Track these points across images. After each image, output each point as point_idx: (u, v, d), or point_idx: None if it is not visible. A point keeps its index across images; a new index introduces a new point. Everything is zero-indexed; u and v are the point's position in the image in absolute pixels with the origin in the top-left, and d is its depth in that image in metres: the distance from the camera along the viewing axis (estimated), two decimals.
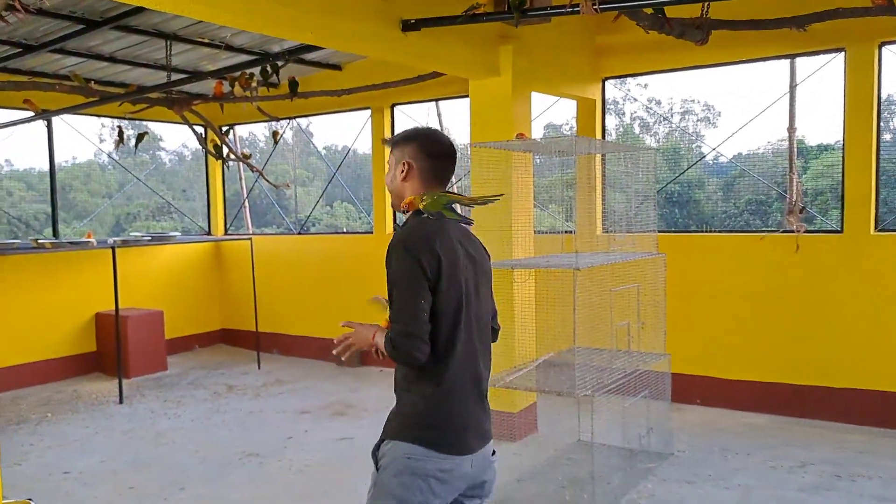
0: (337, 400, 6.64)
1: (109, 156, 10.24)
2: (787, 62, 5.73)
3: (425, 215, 2.15)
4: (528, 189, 5.33)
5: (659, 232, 5.11)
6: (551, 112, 7.33)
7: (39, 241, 6.44)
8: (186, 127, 7.02)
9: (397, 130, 7.82)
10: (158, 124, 9.05)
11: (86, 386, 7.31)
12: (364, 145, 8.31)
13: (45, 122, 7.41)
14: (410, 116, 7.74)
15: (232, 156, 7.44)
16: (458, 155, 2.32)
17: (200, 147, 7.19)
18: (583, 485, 4.41)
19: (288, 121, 8.53)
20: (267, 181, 6.92)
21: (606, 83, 6.65)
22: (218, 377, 7.63)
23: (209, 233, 9.27)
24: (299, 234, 8.69)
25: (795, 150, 5.81)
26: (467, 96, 6.41)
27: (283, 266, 8.59)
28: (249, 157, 6.90)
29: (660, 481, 4.49)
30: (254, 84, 6.17)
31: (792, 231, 5.56)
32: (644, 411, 4.80)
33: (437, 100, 7.58)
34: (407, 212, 2.20)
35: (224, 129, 7.70)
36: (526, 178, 5.28)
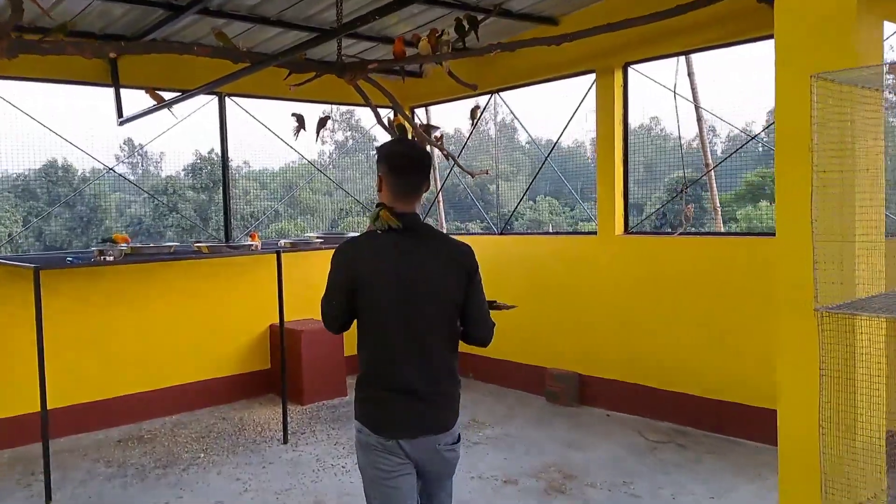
0: (552, 463, 4.91)
1: (330, 156, 9.56)
2: None
3: (368, 231, 2.45)
4: (876, 162, 3.20)
5: None
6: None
7: (197, 246, 5.39)
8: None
9: (631, 100, 5.91)
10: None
11: (255, 412, 6.23)
12: (568, 137, 6.60)
13: (218, 105, 6.44)
14: (651, 78, 5.79)
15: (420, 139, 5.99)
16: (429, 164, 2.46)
17: (383, 129, 5.84)
18: None
19: (489, 95, 6.93)
20: (462, 168, 5.34)
21: None
22: None
23: None
24: (501, 234, 7.06)
25: None
26: (728, 44, 4.98)
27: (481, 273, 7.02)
28: (441, 139, 5.40)
29: None
30: (446, 38, 4.60)
31: None
32: None
33: (686, 52, 5.58)
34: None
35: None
36: (875, 144, 3.15)
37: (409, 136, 5.28)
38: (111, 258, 4.61)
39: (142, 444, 5.48)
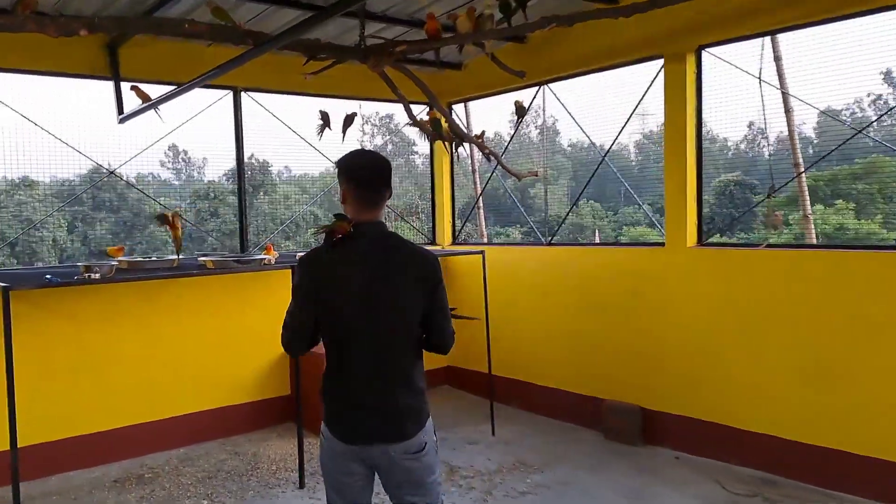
0: None
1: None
2: None
3: (330, 242, 2.42)
4: None
5: None
6: None
7: (202, 260, 4.71)
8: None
9: (706, 90, 5.05)
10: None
11: (271, 446, 5.51)
12: (611, 139, 5.75)
13: (233, 101, 5.77)
14: (729, 63, 4.92)
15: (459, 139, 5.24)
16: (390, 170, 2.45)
17: (416, 126, 5.10)
18: None
19: (537, 88, 6.12)
20: (507, 169, 4.53)
21: None
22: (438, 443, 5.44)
23: (433, 242, 7.20)
24: (549, 244, 6.23)
25: None
26: (818, 22, 4.36)
27: (526, 287, 6.22)
28: (482, 137, 4.63)
29: None
30: (489, 12, 3.83)
31: None
32: None
33: (773, 32, 4.71)
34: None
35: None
36: None
37: (445, 132, 4.52)
38: (97, 276, 3.94)
39: (141, 484, 4.80)
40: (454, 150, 5.61)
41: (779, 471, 4.63)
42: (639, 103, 5.48)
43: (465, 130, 4.98)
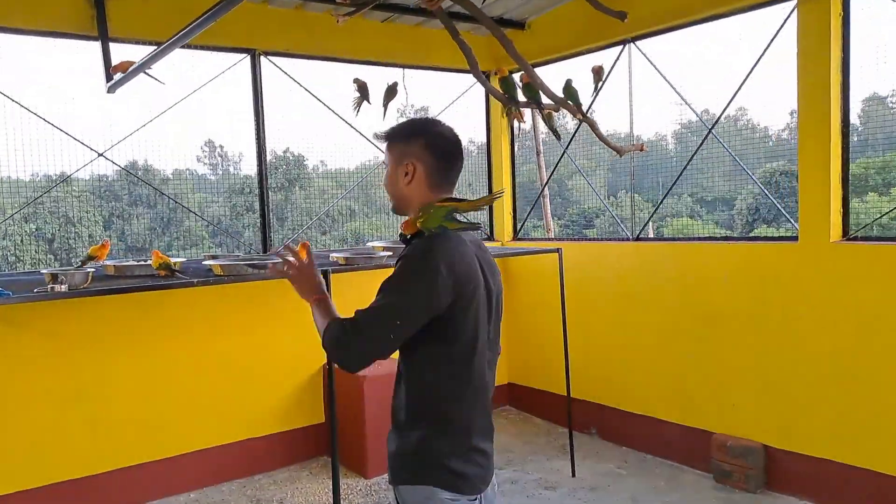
0: None
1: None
2: None
3: (428, 234, 1.79)
4: None
5: None
6: None
7: (208, 264, 3.69)
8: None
9: (854, 37, 3.88)
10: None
11: (301, 489, 4.49)
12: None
13: (251, 66, 4.76)
14: None
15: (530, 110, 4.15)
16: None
17: (492, 94, 4.02)
18: None
19: (621, 46, 4.97)
20: (608, 143, 3.43)
21: None
22: (501, 486, 4.37)
23: (490, 238, 6.11)
24: (636, 240, 5.09)
25: None
26: None
27: (608, 293, 5.11)
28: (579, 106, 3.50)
29: None
30: None
31: None
32: None
33: None
34: (407, 237, 1.84)
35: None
36: None
37: (542, 101, 3.46)
38: (63, 287, 2.93)
39: None
40: (542, 117, 4.49)
41: None
42: (757, 62, 4.30)
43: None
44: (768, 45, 4.20)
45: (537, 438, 5.30)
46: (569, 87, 3.46)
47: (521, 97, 3.94)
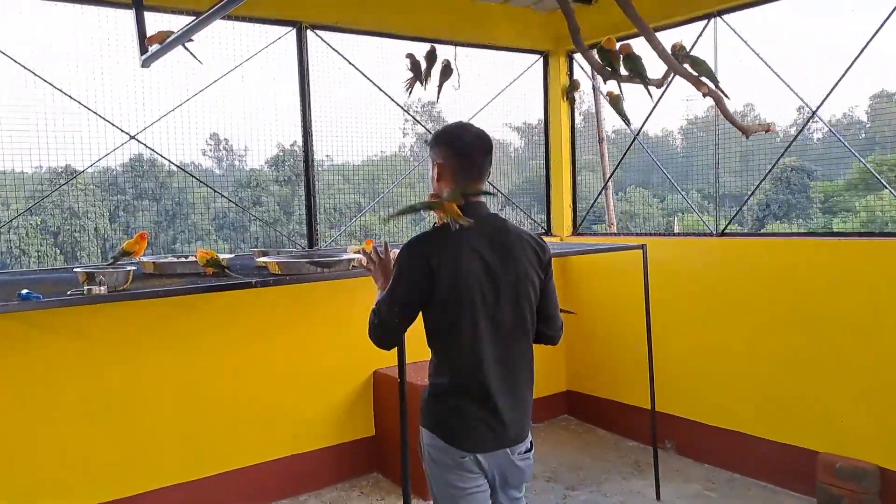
0: None
1: (411, 148, 8.04)
2: None
3: (440, 225, 2.09)
4: None
5: None
6: None
7: (261, 261, 3.21)
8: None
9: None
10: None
11: None
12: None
13: (297, 39, 4.30)
14: None
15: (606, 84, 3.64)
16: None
17: (596, 71, 3.53)
18: None
19: (705, 21, 4.48)
20: (734, 122, 2.94)
21: None
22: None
23: (549, 232, 5.62)
24: (722, 234, 4.59)
25: None
26: None
27: (690, 293, 4.63)
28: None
29: None
30: None
31: None
32: None
33: None
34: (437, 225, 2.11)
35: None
36: None
37: (647, 75, 2.99)
38: (102, 289, 2.46)
39: None
40: (609, 100, 4.00)
41: None
42: (873, 37, 3.80)
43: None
44: (887, 17, 3.70)
45: (606, 454, 4.82)
46: (696, 60, 2.98)
47: (623, 70, 3.46)
